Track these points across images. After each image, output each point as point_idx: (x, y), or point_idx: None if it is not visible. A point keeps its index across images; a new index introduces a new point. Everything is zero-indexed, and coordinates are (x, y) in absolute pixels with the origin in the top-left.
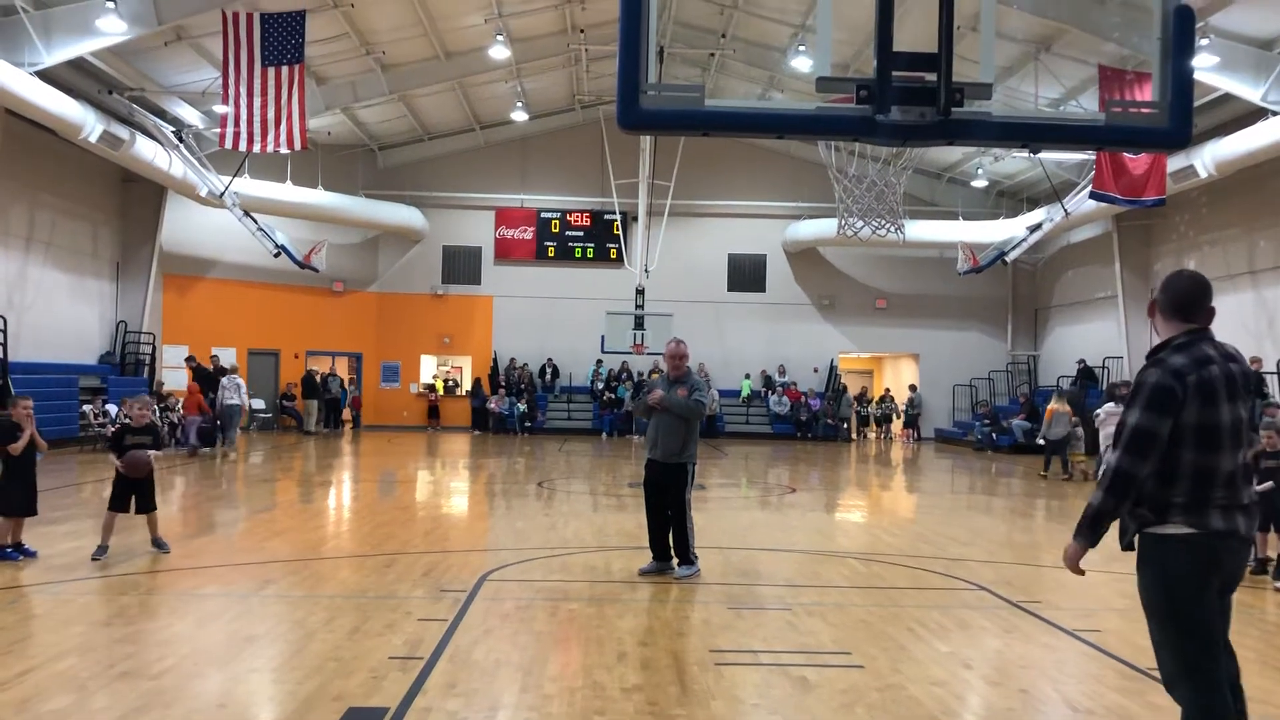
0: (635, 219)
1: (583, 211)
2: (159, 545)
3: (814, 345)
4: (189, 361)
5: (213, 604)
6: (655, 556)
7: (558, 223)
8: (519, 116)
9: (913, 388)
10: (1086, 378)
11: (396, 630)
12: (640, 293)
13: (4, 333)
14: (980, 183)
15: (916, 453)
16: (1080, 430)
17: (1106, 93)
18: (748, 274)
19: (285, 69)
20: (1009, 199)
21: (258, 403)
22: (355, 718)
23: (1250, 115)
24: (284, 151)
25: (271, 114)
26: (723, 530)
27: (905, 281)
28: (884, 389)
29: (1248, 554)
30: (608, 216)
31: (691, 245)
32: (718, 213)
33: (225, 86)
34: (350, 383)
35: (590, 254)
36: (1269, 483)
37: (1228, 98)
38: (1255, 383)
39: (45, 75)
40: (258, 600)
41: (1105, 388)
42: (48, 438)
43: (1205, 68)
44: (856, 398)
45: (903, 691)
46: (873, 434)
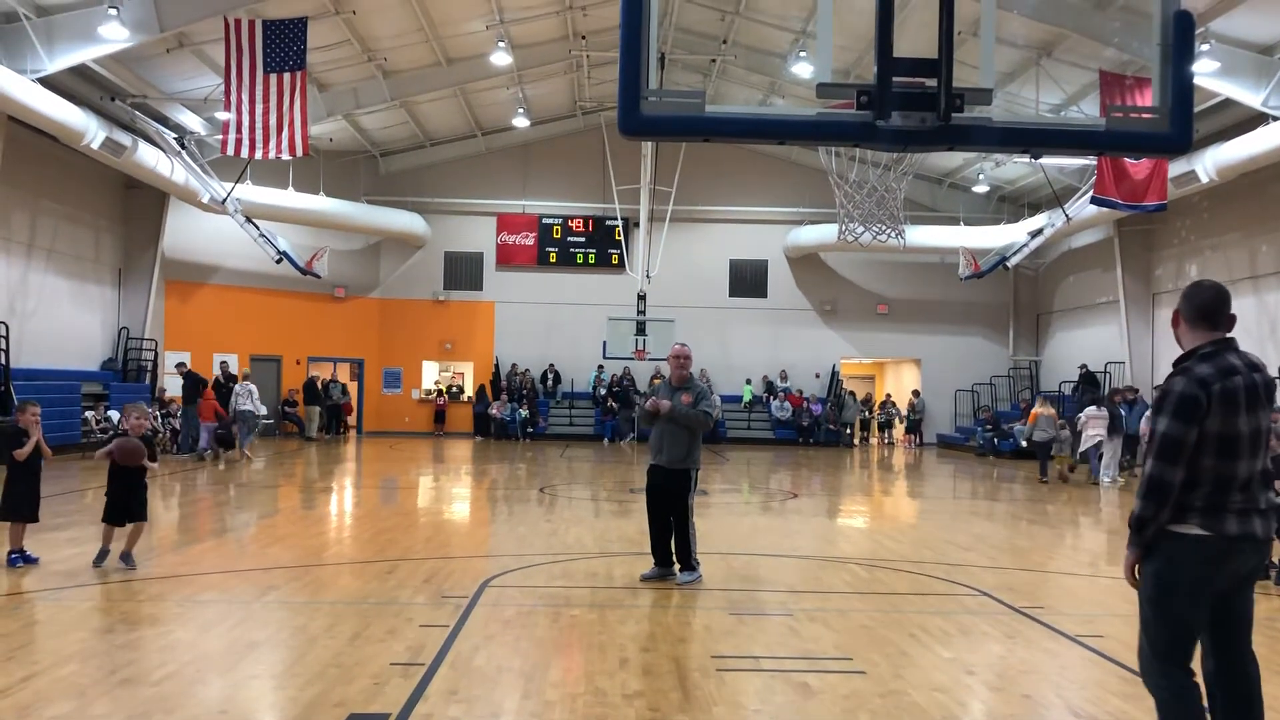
0: (637, 224)
1: (584, 217)
2: (126, 560)
3: (816, 350)
4: (179, 368)
5: (214, 610)
6: (657, 562)
7: (559, 228)
8: (520, 122)
9: (916, 393)
10: (1088, 383)
11: (398, 636)
12: (642, 298)
13: (6, 339)
14: (981, 188)
15: (918, 458)
16: (1066, 433)
17: (1107, 98)
18: (749, 279)
19: (287, 75)
20: (1010, 204)
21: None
22: None
23: (1251, 120)
24: (286, 158)
25: (273, 120)
26: (724, 536)
27: (907, 287)
28: (885, 394)
29: (1263, 553)
30: (609, 222)
31: (693, 251)
32: (719, 218)
33: (227, 93)
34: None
35: (592, 260)
36: None
37: (1229, 103)
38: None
39: (48, 82)
40: (259, 606)
41: (1108, 392)
42: (50, 444)
43: (1206, 73)
44: (862, 402)
45: (905, 697)
46: (875, 439)
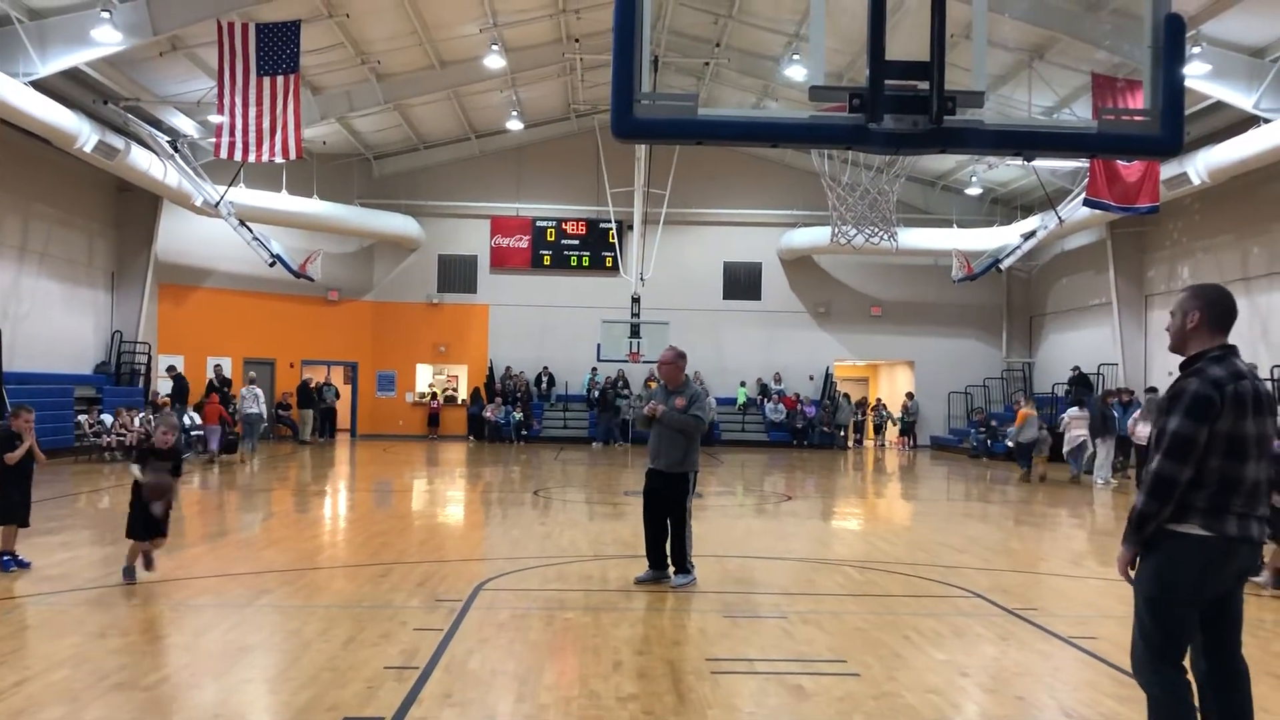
0: (631, 227)
1: (578, 220)
2: (146, 563)
3: (809, 353)
4: (169, 371)
5: (208, 614)
6: (651, 565)
7: (553, 231)
8: (514, 125)
9: (910, 395)
10: (1081, 384)
11: (392, 640)
12: (636, 301)
13: None
14: (974, 190)
15: (912, 460)
16: (1045, 434)
17: (1099, 100)
18: (743, 282)
19: (280, 79)
20: (1003, 206)
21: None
22: None
23: (1242, 123)
24: (279, 161)
25: (267, 123)
26: (719, 538)
27: (900, 289)
28: (876, 398)
29: (1257, 554)
30: (603, 225)
31: (687, 253)
32: (713, 221)
33: (220, 96)
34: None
35: (586, 262)
36: None
37: (1220, 105)
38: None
39: (40, 85)
40: (253, 610)
41: (1100, 394)
42: (42, 448)
43: (1197, 75)
44: (857, 404)
45: (899, 699)
46: (869, 441)
